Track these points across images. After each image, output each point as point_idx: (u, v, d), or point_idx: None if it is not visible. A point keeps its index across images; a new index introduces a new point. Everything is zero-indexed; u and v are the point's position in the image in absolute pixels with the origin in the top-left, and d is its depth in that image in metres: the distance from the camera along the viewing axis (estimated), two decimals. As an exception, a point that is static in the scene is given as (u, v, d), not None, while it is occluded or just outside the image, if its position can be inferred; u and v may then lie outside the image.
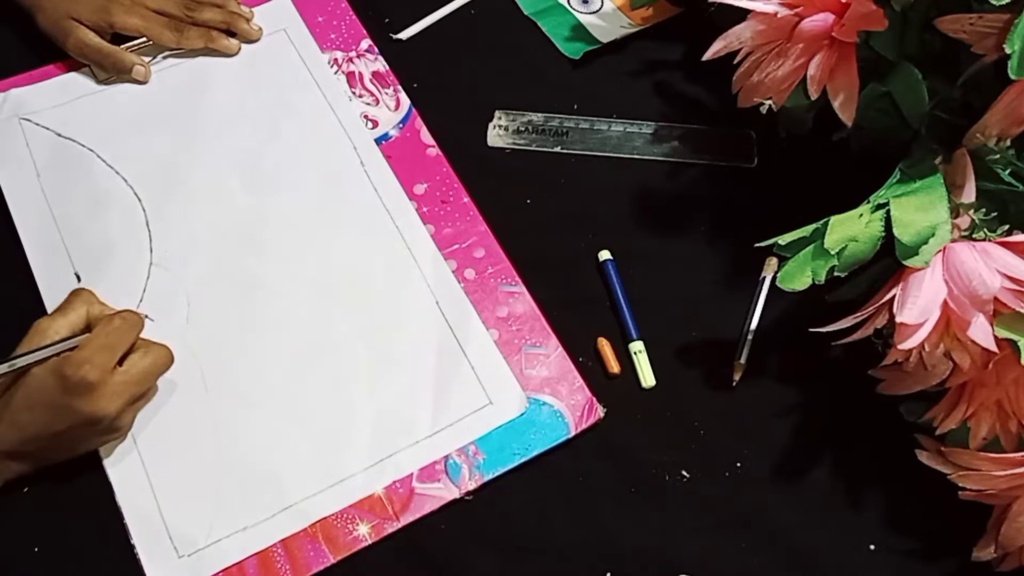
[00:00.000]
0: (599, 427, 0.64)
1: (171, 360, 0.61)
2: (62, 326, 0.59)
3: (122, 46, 0.76)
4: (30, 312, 0.65)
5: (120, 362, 0.58)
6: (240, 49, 0.79)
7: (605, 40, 0.81)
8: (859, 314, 0.57)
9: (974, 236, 0.57)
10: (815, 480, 0.64)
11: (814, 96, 0.62)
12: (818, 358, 0.66)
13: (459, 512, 0.61)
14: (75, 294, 0.61)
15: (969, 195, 0.59)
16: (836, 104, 0.62)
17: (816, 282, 0.56)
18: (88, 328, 0.59)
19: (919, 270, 0.54)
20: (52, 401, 0.56)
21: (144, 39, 0.77)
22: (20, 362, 0.57)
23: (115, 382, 0.57)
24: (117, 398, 0.57)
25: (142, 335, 0.61)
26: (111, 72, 0.76)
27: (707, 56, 0.63)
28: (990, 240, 0.55)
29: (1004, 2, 0.54)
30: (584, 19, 0.83)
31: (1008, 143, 0.59)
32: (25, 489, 0.60)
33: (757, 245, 0.59)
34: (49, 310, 0.65)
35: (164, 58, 0.78)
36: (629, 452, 0.64)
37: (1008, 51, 0.54)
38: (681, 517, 0.62)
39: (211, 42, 0.78)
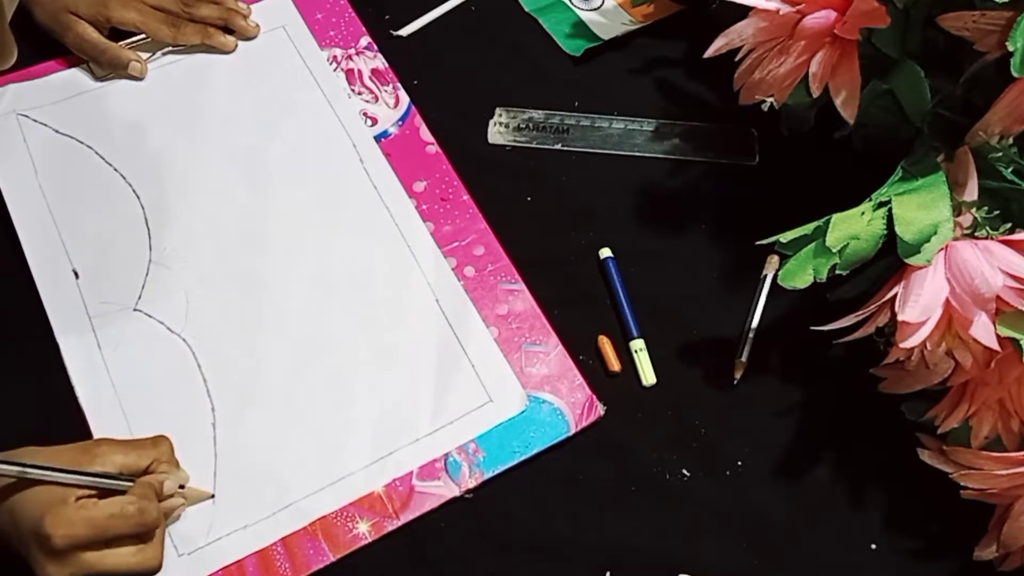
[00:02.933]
0: (599, 425, 0.64)
1: (158, 568, 0.56)
2: (116, 462, 0.55)
3: (121, 42, 0.76)
4: (27, 309, 0.66)
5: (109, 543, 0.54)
6: (237, 46, 0.79)
7: (606, 37, 0.81)
8: (861, 312, 0.57)
9: (976, 234, 0.56)
10: (816, 479, 0.64)
11: (816, 94, 0.61)
12: (820, 356, 0.66)
13: (459, 510, 0.61)
14: (156, 440, 0.58)
15: (971, 193, 0.59)
16: (838, 102, 0.62)
17: (817, 280, 0.56)
18: (138, 475, 0.56)
19: (921, 268, 0.54)
20: (24, 527, 0.52)
21: (142, 36, 0.77)
22: (34, 474, 0.53)
23: (79, 558, 0.52)
24: (66, 572, 0.52)
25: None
26: (108, 68, 0.76)
27: (708, 53, 0.63)
28: (992, 238, 0.55)
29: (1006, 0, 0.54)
30: (585, 16, 0.83)
31: (1010, 141, 0.59)
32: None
33: (758, 243, 0.59)
34: (47, 307, 0.65)
35: (164, 54, 0.78)
36: (629, 451, 0.64)
37: (1011, 49, 0.54)
38: (681, 516, 0.62)
39: (208, 38, 0.77)
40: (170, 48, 0.78)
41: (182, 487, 0.58)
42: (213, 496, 0.60)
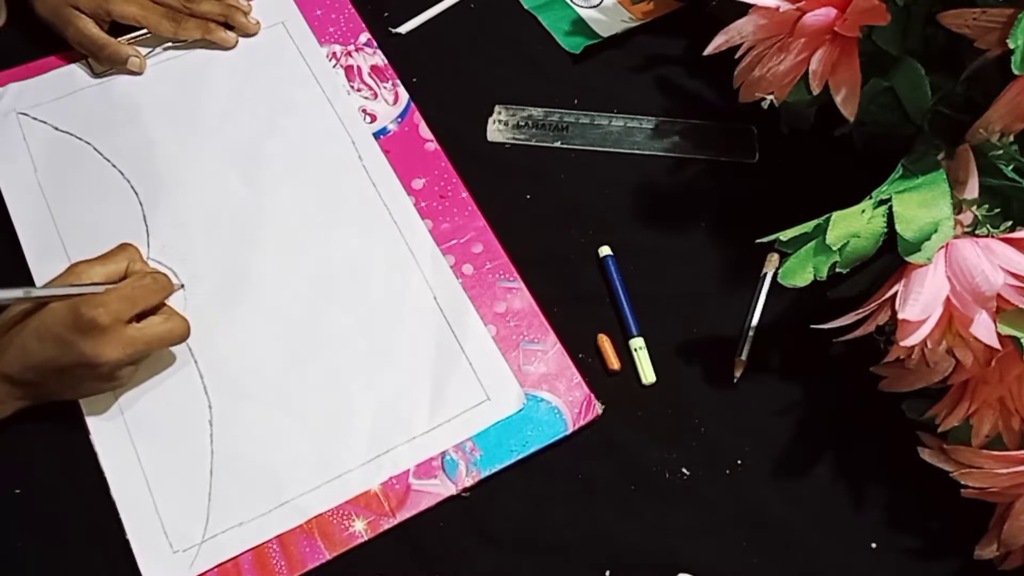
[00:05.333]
0: (599, 424, 0.64)
1: (187, 334, 0.62)
2: (98, 273, 0.60)
3: (121, 38, 0.76)
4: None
5: (140, 319, 0.60)
6: (237, 42, 0.78)
7: (606, 34, 0.81)
8: (861, 311, 0.57)
9: (977, 232, 0.56)
10: (816, 478, 0.63)
11: (816, 91, 0.61)
12: (820, 355, 0.66)
13: (456, 509, 0.61)
14: (121, 247, 0.63)
15: (972, 191, 0.58)
16: (838, 99, 0.61)
17: (818, 278, 0.56)
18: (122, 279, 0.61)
19: (921, 266, 0.54)
20: (60, 335, 0.57)
21: (143, 31, 0.77)
22: (38, 292, 0.58)
23: (124, 333, 0.58)
24: (120, 348, 0.58)
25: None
26: (107, 64, 0.76)
27: (708, 51, 0.63)
28: (993, 236, 0.55)
29: (1008, -4, 0.53)
30: (585, 13, 0.82)
31: (1011, 139, 0.59)
32: (17, 491, 0.60)
33: (758, 241, 0.59)
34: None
35: (165, 49, 0.78)
36: (629, 449, 0.64)
37: (1012, 46, 0.53)
38: (681, 515, 0.62)
39: (208, 34, 0.77)
40: (170, 44, 0.78)
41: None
42: (183, 286, 0.66)
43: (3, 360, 0.58)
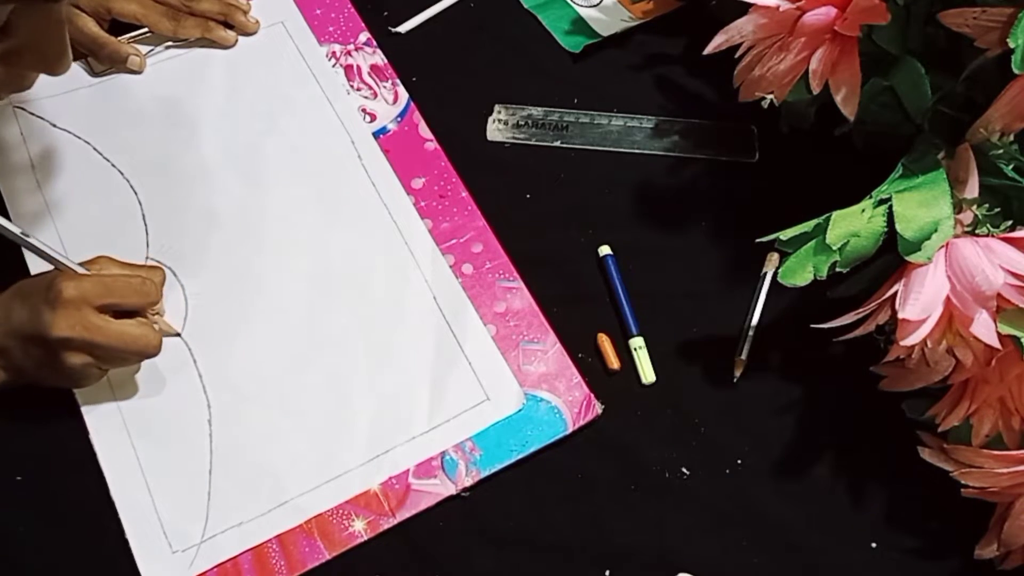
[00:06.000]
0: (599, 423, 0.64)
1: (156, 350, 0.60)
2: (114, 268, 0.62)
3: (122, 37, 0.76)
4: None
5: (116, 316, 0.59)
6: (237, 41, 0.78)
7: (606, 34, 0.80)
8: (861, 310, 0.57)
9: (977, 232, 0.56)
10: (816, 477, 0.63)
11: (816, 91, 0.61)
12: (820, 354, 0.65)
13: (456, 509, 0.61)
14: (153, 268, 0.64)
15: (972, 190, 0.58)
16: (838, 99, 0.61)
17: (818, 278, 0.56)
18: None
19: (921, 266, 0.54)
20: (34, 301, 0.57)
21: (143, 30, 0.77)
22: (33, 241, 0.59)
23: (84, 316, 0.56)
24: (73, 328, 0.56)
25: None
26: (106, 63, 0.76)
27: (708, 50, 0.63)
28: (993, 236, 0.55)
29: (1008, -4, 0.53)
30: (584, 12, 0.82)
31: (1011, 138, 0.59)
32: (19, 478, 0.60)
33: (758, 240, 0.58)
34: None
35: (163, 49, 0.77)
36: (629, 449, 0.64)
37: (1012, 45, 0.53)
38: (681, 514, 0.62)
39: (208, 32, 0.77)
40: (169, 43, 0.78)
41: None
42: (179, 334, 0.65)
43: None
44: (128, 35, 0.77)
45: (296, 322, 0.66)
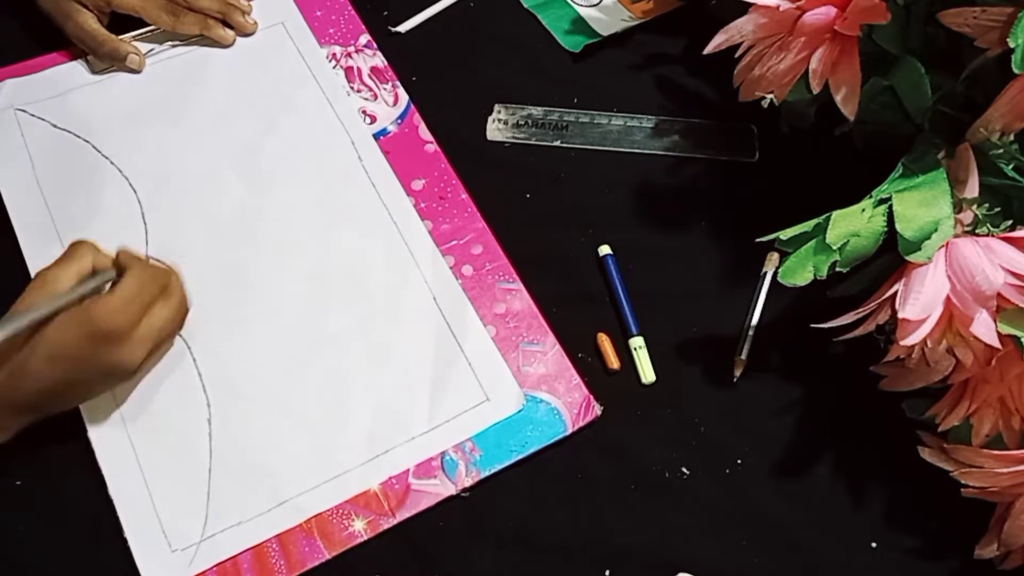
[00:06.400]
0: (599, 423, 0.64)
1: (188, 307, 0.62)
2: (70, 275, 0.57)
3: (122, 36, 0.76)
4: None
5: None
6: (235, 40, 0.78)
7: (605, 33, 0.80)
8: (861, 310, 0.57)
9: (977, 231, 0.56)
10: (816, 477, 0.63)
11: (816, 90, 0.61)
12: (820, 354, 0.65)
13: (456, 509, 0.61)
14: (76, 245, 0.59)
15: (972, 190, 0.58)
16: (838, 98, 0.61)
17: (818, 277, 0.55)
18: (94, 275, 0.58)
19: (922, 266, 0.54)
20: (77, 352, 0.55)
21: (144, 29, 0.77)
22: (17, 323, 0.54)
23: (141, 332, 0.57)
24: (143, 347, 0.58)
25: None
26: (106, 61, 0.76)
27: (708, 50, 0.63)
28: (993, 235, 0.55)
29: (1008, -5, 0.53)
30: (584, 12, 0.82)
31: (1011, 137, 0.59)
32: (18, 483, 0.60)
33: (758, 240, 0.58)
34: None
35: (162, 49, 0.77)
36: (629, 449, 0.64)
37: (1012, 45, 0.53)
38: (681, 514, 0.62)
39: (207, 30, 0.77)
40: (169, 43, 0.78)
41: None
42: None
43: (16, 392, 0.56)
44: (129, 34, 0.77)
45: (296, 322, 0.66)
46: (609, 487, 0.62)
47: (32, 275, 0.66)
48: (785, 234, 0.57)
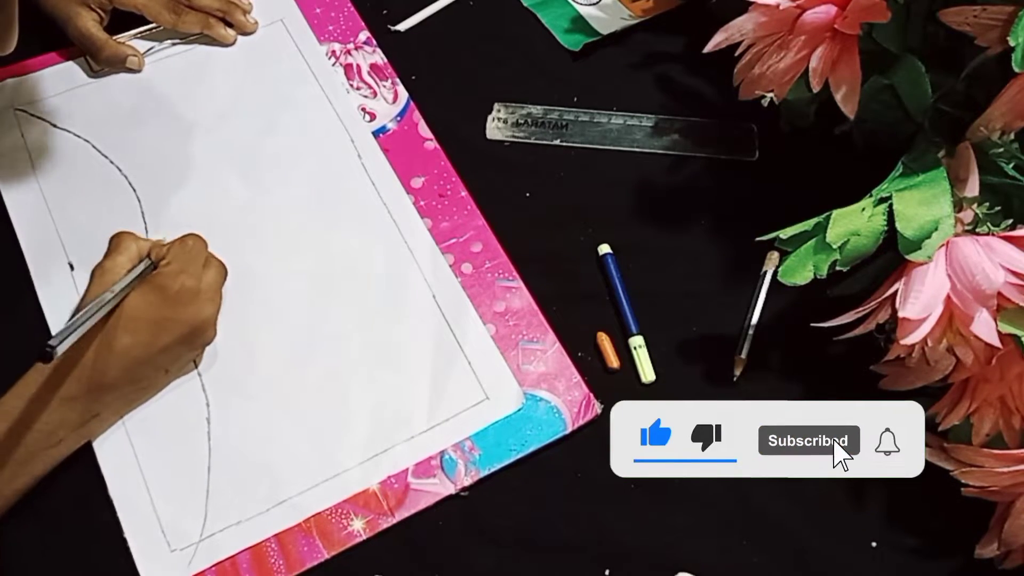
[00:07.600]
0: (599, 422, 0.63)
1: (227, 270, 0.65)
2: (123, 262, 0.61)
3: (121, 35, 0.76)
4: (23, 301, 0.65)
5: None
6: (236, 39, 0.78)
7: (605, 32, 0.80)
8: (861, 309, 0.57)
9: (977, 230, 0.56)
10: (816, 477, 0.63)
11: (816, 89, 0.61)
12: (820, 353, 0.65)
13: (455, 508, 0.61)
14: (120, 236, 0.63)
15: (972, 189, 0.58)
16: (838, 97, 0.61)
17: (818, 276, 0.55)
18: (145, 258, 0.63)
19: (922, 265, 0.54)
20: (154, 317, 0.59)
21: (144, 28, 0.77)
22: (111, 297, 0.57)
23: (203, 289, 0.61)
24: (211, 302, 0.62)
25: None
26: (105, 65, 0.76)
27: (708, 48, 0.63)
28: (993, 234, 0.55)
29: (1009, -6, 0.53)
30: (584, 11, 0.82)
31: (1012, 136, 0.59)
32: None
33: (758, 239, 0.58)
34: (42, 300, 0.65)
35: (162, 48, 0.77)
36: (628, 448, 0.63)
37: (1012, 44, 0.53)
38: (681, 515, 0.62)
39: (208, 28, 0.77)
40: (169, 41, 0.78)
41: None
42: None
43: (107, 370, 0.58)
44: (130, 31, 0.77)
45: (295, 320, 0.66)
46: (609, 487, 0.62)
47: (32, 274, 0.66)
48: (785, 233, 0.57)
